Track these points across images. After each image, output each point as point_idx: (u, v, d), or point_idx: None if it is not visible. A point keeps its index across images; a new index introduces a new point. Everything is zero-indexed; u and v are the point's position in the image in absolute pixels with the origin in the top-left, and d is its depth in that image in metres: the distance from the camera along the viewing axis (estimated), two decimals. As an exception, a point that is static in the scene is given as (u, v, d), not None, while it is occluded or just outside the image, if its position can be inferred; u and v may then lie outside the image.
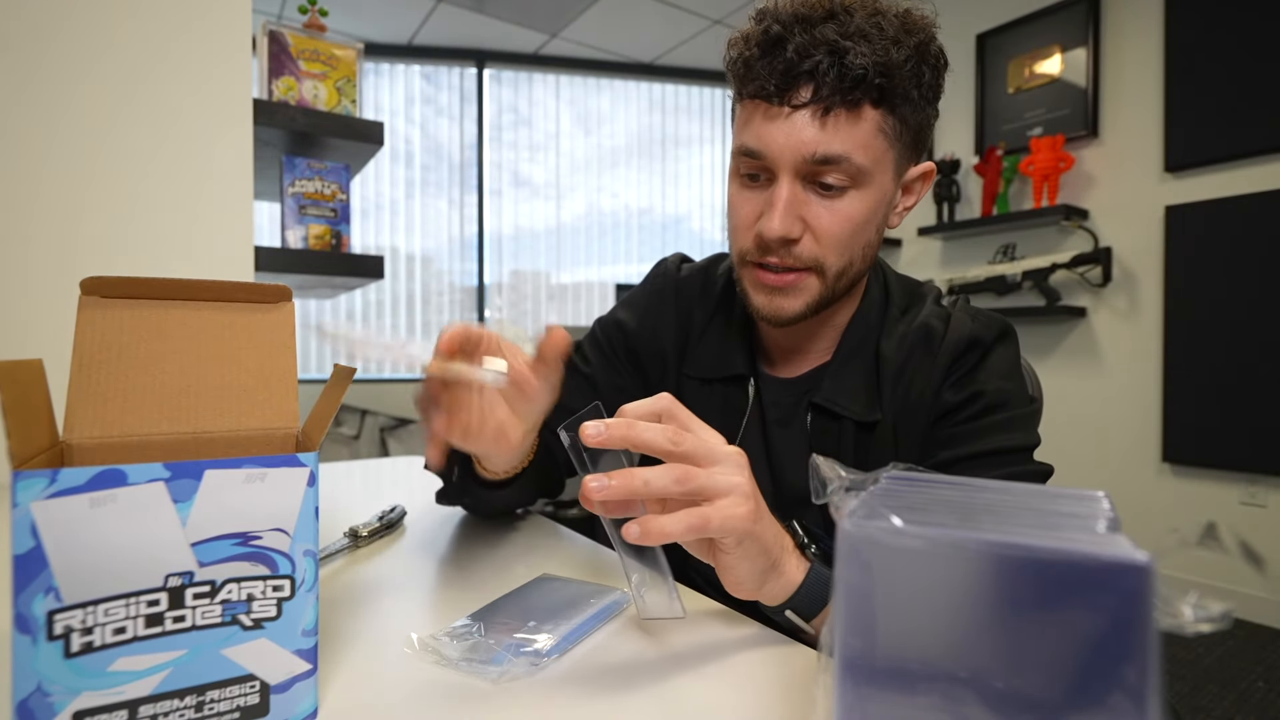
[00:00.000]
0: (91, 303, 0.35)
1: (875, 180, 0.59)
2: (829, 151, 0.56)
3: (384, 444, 3.53)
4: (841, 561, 0.27)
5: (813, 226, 0.59)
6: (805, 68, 0.55)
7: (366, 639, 0.45)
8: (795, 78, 0.56)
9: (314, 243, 1.16)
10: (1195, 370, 2.29)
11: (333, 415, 0.36)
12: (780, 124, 0.57)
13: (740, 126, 0.61)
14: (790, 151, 0.57)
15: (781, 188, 0.58)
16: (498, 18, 3.32)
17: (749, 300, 0.64)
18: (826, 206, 0.59)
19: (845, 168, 0.57)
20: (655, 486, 0.38)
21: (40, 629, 0.28)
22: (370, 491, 0.92)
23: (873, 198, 0.60)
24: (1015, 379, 0.64)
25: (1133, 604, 0.23)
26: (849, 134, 0.57)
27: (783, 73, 0.56)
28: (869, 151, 0.58)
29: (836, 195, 0.59)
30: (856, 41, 0.55)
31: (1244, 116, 2.20)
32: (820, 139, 0.56)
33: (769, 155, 0.58)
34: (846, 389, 0.65)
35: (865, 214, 0.60)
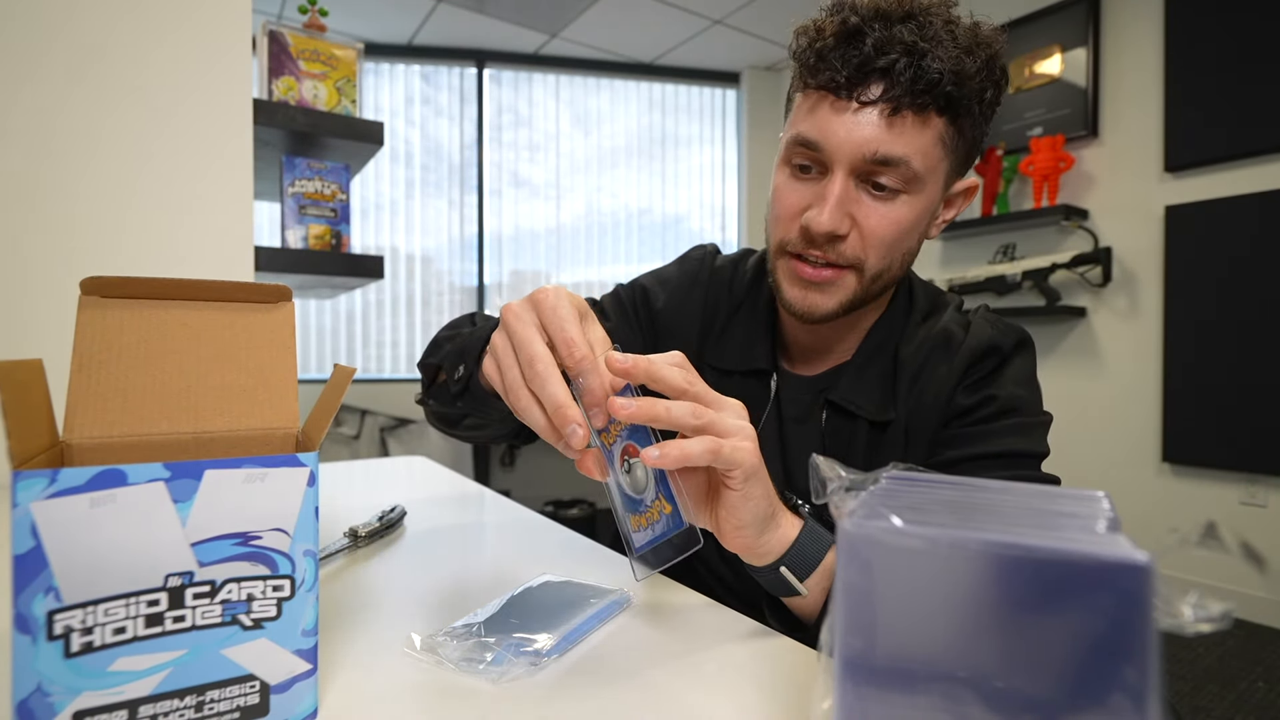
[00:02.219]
0: (91, 303, 0.35)
1: (927, 188, 0.59)
2: (890, 153, 0.56)
3: (384, 444, 3.53)
4: (842, 561, 0.27)
5: (861, 225, 0.59)
6: (881, 64, 0.54)
7: (366, 639, 0.45)
8: (869, 73, 0.55)
9: (314, 243, 1.16)
10: (1195, 370, 2.30)
11: (333, 415, 0.36)
12: (845, 118, 0.56)
13: (800, 115, 0.60)
14: (851, 147, 0.56)
15: (835, 182, 0.57)
16: (498, 18, 3.32)
17: (781, 293, 0.64)
18: (876, 208, 0.58)
19: (902, 171, 0.57)
20: (675, 414, 0.40)
21: (40, 629, 0.28)
22: (370, 491, 0.92)
23: (922, 205, 0.59)
24: (1030, 388, 0.64)
25: (1133, 604, 0.23)
26: (912, 138, 0.56)
27: (857, 66, 0.55)
28: (927, 159, 0.57)
29: (888, 198, 0.58)
30: (934, 45, 0.54)
31: (1244, 116, 2.20)
32: (884, 139, 0.56)
33: (828, 148, 0.57)
34: (863, 389, 0.65)
35: (913, 220, 0.59)
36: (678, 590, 0.56)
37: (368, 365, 3.62)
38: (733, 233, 4.04)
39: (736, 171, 4.04)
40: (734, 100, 4.03)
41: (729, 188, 4.05)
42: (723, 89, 4.01)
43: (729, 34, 3.50)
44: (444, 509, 0.81)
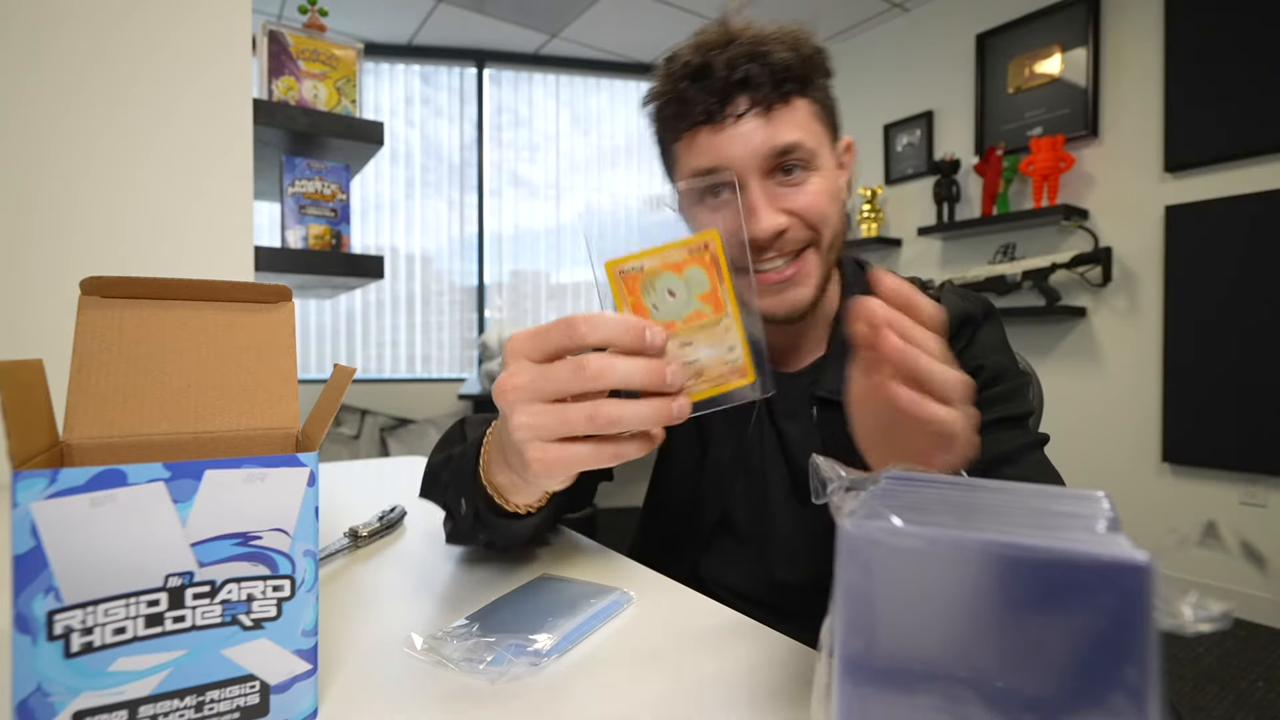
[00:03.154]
0: (91, 303, 0.35)
1: (824, 160, 0.64)
2: (784, 141, 0.60)
3: (384, 444, 3.53)
4: (842, 561, 0.27)
5: (794, 211, 0.62)
6: (738, 77, 0.60)
7: (366, 639, 0.45)
8: (731, 90, 0.60)
9: (314, 243, 1.16)
10: (1195, 370, 2.29)
11: (333, 415, 0.36)
12: (730, 134, 0.61)
13: (689, 157, 0.64)
14: (750, 154, 0.60)
15: (754, 190, 0.61)
16: (497, 18, 3.32)
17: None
18: (798, 191, 0.62)
19: (800, 153, 0.61)
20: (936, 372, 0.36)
21: (40, 629, 0.28)
22: (370, 491, 0.92)
23: (829, 176, 0.64)
24: (1006, 352, 0.67)
25: (1133, 604, 0.23)
26: (793, 123, 0.61)
27: (719, 90, 0.60)
28: (812, 135, 0.63)
29: (801, 179, 0.62)
30: (770, 45, 0.61)
31: (1244, 116, 2.20)
32: (773, 133, 0.60)
33: (732, 165, 0.61)
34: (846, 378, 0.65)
35: (830, 188, 0.64)
36: (678, 590, 0.56)
37: (368, 365, 3.62)
38: (733, 233, 4.04)
39: (736, 171, 4.04)
40: (734, 100, 4.03)
41: (729, 188, 4.06)
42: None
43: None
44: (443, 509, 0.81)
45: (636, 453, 0.39)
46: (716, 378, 0.39)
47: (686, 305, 0.38)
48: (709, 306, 0.38)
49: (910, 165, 3.24)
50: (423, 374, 3.73)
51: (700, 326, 0.38)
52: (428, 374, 3.73)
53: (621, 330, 0.36)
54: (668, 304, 0.38)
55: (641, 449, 0.39)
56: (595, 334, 0.36)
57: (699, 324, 0.39)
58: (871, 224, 3.31)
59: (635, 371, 0.36)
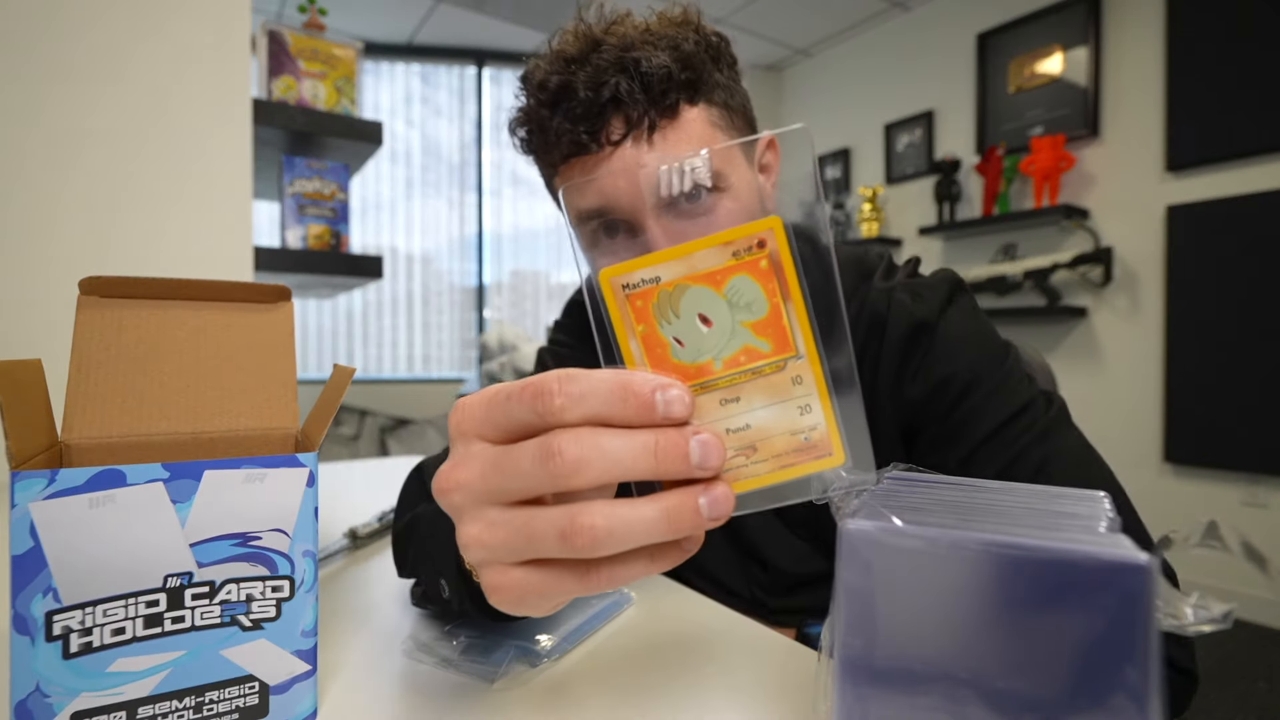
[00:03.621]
0: (90, 302, 0.35)
1: (734, 172, 0.53)
2: None
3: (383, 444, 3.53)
4: (842, 561, 0.27)
5: None
6: (605, 96, 0.49)
7: (366, 639, 0.45)
8: (600, 112, 0.49)
9: (313, 242, 1.16)
10: (1197, 370, 2.29)
11: (332, 415, 0.36)
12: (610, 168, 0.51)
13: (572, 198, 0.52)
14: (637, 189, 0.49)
15: (652, 229, 0.50)
16: (497, 17, 3.32)
17: None
18: (705, 219, 0.52)
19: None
20: None
21: (39, 629, 0.28)
22: (370, 492, 0.92)
23: (743, 186, 0.54)
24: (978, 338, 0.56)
25: (1134, 604, 0.22)
26: (684, 140, 0.51)
27: (583, 115, 0.49)
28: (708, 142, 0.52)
29: (707, 206, 0.51)
30: (641, 50, 0.49)
31: (1245, 115, 2.20)
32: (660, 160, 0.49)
33: (620, 205, 0.50)
34: None
35: (744, 205, 0.53)
36: (678, 590, 0.56)
37: (367, 365, 3.62)
38: (733, 232, 4.04)
39: (737, 171, 4.04)
40: (734, 100, 4.04)
41: (729, 187, 4.06)
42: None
43: (729, 33, 3.49)
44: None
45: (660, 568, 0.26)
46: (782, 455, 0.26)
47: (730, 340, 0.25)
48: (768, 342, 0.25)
49: (911, 165, 3.24)
50: (422, 374, 3.73)
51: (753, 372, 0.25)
52: (427, 374, 3.73)
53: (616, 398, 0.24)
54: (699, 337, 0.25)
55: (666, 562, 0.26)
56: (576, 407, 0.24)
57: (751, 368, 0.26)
58: (872, 224, 3.31)
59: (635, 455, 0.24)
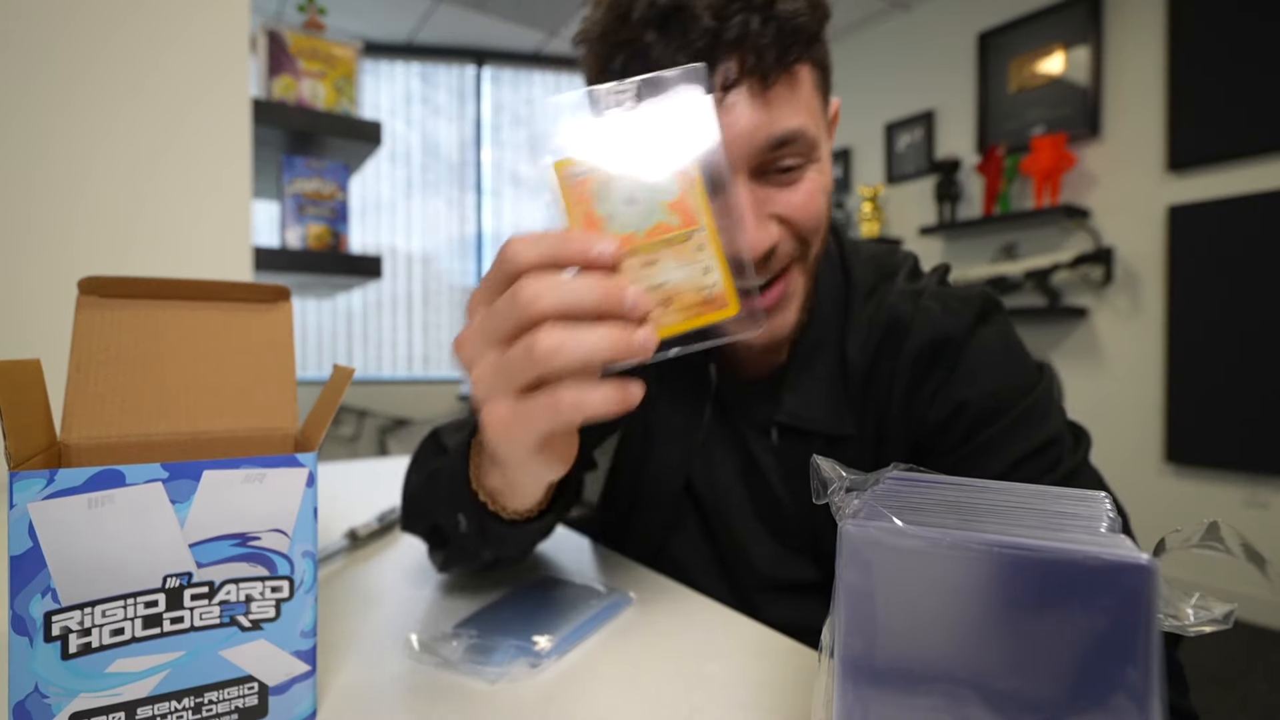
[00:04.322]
0: (89, 302, 0.35)
1: (824, 146, 0.49)
2: (785, 130, 0.44)
3: (383, 444, 3.53)
4: (842, 562, 0.27)
5: (787, 218, 0.48)
6: (731, 35, 0.42)
7: (366, 640, 0.45)
8: (716, 49, 0.42)
9: (313, 242, 1.16)
10: (1198, 370, 2.29)
11: (331, 416, 0.36)
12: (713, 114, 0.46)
13: None
14: (738, 145, 0.44)
15: (739, 192, 0.45)
16: (497, 16, 3.32)
17: None
18: (792, 195, 0.47)
19: (801, 144, 0.46)
20: None
21: (38, 630, 0.28)
22: (369, 492, 0.92)
23: (827, 166, 0.50)
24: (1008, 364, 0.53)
25: (1135, 605, 0.22)
26: (795, 103, 0.45)
27: (703, 49, 0.42)
28: (814, 116, 0.47)
29: (796, 178, 0.47)
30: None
31: (1246, 115, 2.20)
32: (769, 119, 0.44)
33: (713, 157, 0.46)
34: (808, 401, 0.56)
35: (827, 186, 0.50)
36: (678, 590, 0.56)
37: (367, 365, 3.62)
38: (733, 232, 4.04)
39: (737, 171, 4.04)
40: (734, 99, 4.03)
41: (729, 187, 4.06)
42: (723, 88, 4.01)
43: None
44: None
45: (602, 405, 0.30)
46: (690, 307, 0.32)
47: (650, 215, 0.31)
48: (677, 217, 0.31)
49: (911, 165, 3.24)
50: (422, 374, 3.73)
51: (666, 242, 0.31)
52: (427, 374, 3.73)
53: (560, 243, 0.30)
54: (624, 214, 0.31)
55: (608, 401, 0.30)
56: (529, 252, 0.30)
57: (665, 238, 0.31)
58: (872, 224, 3.30)
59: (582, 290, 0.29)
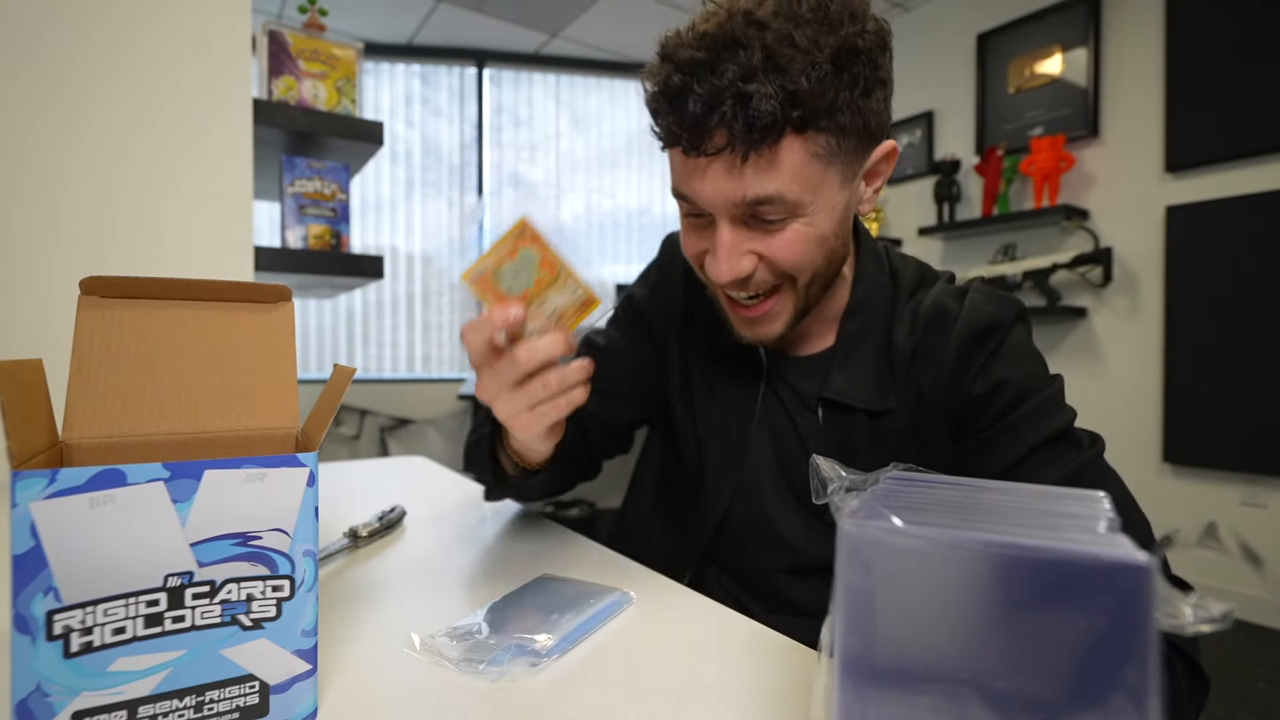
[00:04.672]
0: (91, 303, 0.35)
1: (817, 203, 0.55)
2: (758, 194, 0.53)
3: (384, 444, 3.53)
4: (842, 561, 0.27)
5: (764, 257, 0.57)
6: (713, 121, 0.51)
7: (366, 639, 0.45)
8: (705, 129, 0.52)
9: (314, 242, 1.16)
10: (1196, 370, 2.29)
11: (332, 415, 0.36)
12: (702, 173, 0.54)
13: (671, 167, 0.59)
14: (719, 198, 0.54)
15: (722, 231, 0.56)
16: (497, 18, 3.32)
17: (729, 325, 0.64)
18: (773, 239, 0.56)
19: (778, 206, 0.54)
20: None
21: (39, 629, 0.28)
22: (370, 491, 0.92)
23: (820, 219, 0.56)
24: (1036, 360, 0.62)
25: (1133, 604, 0.22)
26: (773, 173, 0.53)
27: (691, 126, 0.52)
28: (801, 182, 0.53)
29: (779, 227, 0.56)
30: (762, 79, 0.50)
31: (1245, 116, 2.20)
32: (744, 185, 0.53)
33: (699, 201, 0.56)
34: (856, 380, 0.64)
35: (815, 235, 0.57)
36: (678, 590, 0.56)
37: (367, 365, 3.62)
38: (733, 233, 4.04)
39: (737, 171, 4.03)
40: (734, 100, 4.03)
41: (729, 188, 4.05)
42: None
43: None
44: (444, 509, 0.81)
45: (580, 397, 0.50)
46: (574, 313, 0.50)
47: (530, 275, 0.49)
48: (545, 270, 0.49)
49: (911, 165, 3.24)
50: (423, 374, 3.73)
51: (547, 285, 0.49)
52: (428, 374, 3.73)
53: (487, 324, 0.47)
54: (516, 282, 0.49)
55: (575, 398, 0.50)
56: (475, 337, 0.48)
57: (545, 284, 0.49)
58: (872, 224, 3.31)
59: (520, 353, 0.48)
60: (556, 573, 0.57)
